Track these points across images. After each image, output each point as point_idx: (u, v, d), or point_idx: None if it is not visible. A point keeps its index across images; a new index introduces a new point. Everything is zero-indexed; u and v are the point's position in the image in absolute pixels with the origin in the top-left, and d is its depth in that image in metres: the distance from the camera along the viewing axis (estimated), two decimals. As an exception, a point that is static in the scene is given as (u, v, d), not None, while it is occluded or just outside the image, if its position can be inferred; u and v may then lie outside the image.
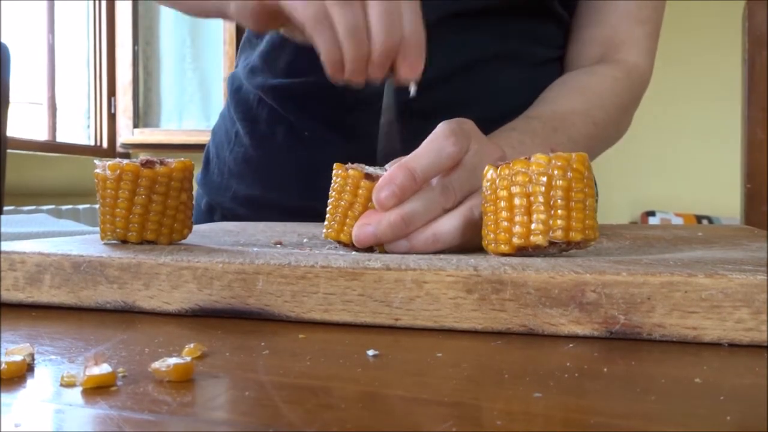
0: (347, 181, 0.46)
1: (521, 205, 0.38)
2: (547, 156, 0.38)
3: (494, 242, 0.40)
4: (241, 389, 0.25)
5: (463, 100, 0.73)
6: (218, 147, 0.86)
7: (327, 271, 0.36)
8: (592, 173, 0.39)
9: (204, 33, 3.24)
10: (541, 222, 0.37)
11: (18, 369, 0.27)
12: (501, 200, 0.39)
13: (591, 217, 0.38)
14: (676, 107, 3.45)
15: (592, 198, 0.38)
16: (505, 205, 0.39)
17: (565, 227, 0.37)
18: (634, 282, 0.32)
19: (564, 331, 0.33)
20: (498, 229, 0.39)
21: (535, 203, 0.38)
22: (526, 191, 0.38)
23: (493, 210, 0.40)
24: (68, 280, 0.40)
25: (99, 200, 0.46)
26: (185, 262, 0.38)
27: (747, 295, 0.31)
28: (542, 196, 0.37)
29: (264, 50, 0.79)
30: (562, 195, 0.37)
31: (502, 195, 0.39)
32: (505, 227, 0.39)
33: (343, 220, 0.46)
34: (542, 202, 0.37)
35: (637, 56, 0.77)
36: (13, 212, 2.23)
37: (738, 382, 0.26)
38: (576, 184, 0.37)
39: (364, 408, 0.23)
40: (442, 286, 0.34)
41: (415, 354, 0.30)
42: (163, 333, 0.34)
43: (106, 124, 3.24)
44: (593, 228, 0.38)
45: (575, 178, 0.37)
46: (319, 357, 0.30)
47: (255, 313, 0.37)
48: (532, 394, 0.24)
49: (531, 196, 0.38)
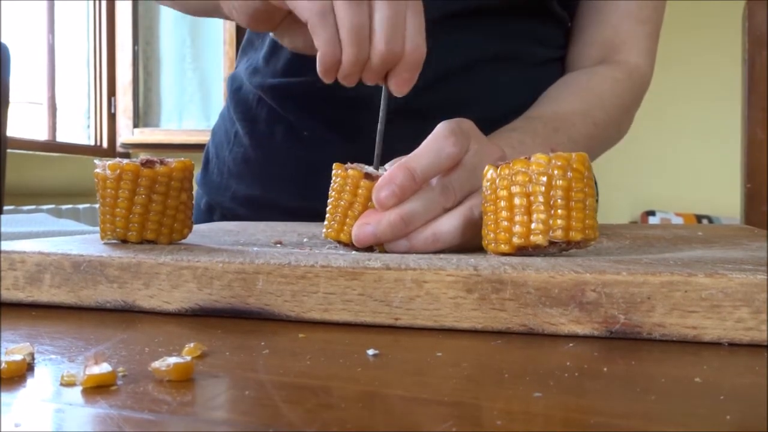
0: (347, 180, 0.46)
1: (521, 204, 0.38)
2: (548, 156, 0.38)
3: (494, 242, 0.40)
4: (241, 389, 0.25)
5: (463, 100, 0.73)
6: (218, 147, 0.86)
7: (327, 270, 0.36)
8: (592, 173, 0.39)
9: (204, 33, 3.24)
10: (541, 222, 0.38)
11: (18, 368, 0.27)
12: (501, 200, 0.39)
13: (591, 216, 0.38)
14: (676, 107, 3.45)
15: (593, 198, 0.38)
16: (505, 204, 0.39)
17: (565, 227, 0.37)
18: (634, 281, 0.32)
19: (564, 330, 0.33)
20: (498, 229, 0.39)
21: (535, 203, 0.38)
22: (526, 191, 0.38)
23: (493, 210, 0.40)
24: (68, 279, 0.40)
25: (99, 200, 0.46)
26: (185, 261, 0.38)
27: (747, 294, 0.31)
28: (542, 195, 0.37)
29: (265, 51, 0.80)
30: (562, 195, 0.37)
31: (502, 195, 0.39)
32: (505, 227, 0.39)
33: (343, 220, 0.46)
34: (542, 201, 0.37)
35: (637, 57, 0.77)
36: (13, 212, 2.23)
37: (738, 381, 0.26)
38: (576, 184, 0.37)
39: (364, 408, 0.23)
40: (442, 285, 0.34)
41: (415, 354, 0.30)
42: (163, 332, 0.34)
43: (106, 124, 3.24)
44: (593, 228, 0.38)
45: (575, 177, 0.37)
46: (319, 357, 0.30)
47: (255, 313, 0.37)
48: (532, 394, 0.24)
49: (531, 196, 0.38)
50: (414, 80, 0.49)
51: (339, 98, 0.73)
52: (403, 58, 0.47)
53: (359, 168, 0.46)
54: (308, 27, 0.47)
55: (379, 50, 0.47)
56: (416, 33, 0.47)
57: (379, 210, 0.44)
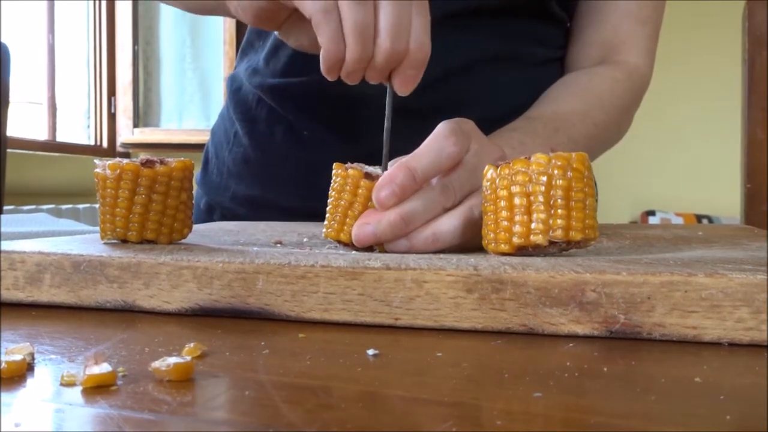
0: (347, 180, 0.46)
1: (521, 204, 0.38)
2: (547, 155, 0.38)
3: (494, 242, 0.40)
4: (241, 389, 0.25)
5: (463, 100, 0.73)
6: (217, 147, 0.86)
7: (327, 270, 0.36)
8: (592, 173, 0.39)
9: (204, 33, 3.24)
10: (541, 221, 0.38)
11: (18, 368, 0.27)
12: (501, 200, 0.39)
13: (591, 216, 0.38)
14: (676, 107, 3.45)
15: (592, 197, 0.38)
16: (505, 204, 0.39)
17: (565, 227, 0.37)
18: (634, 281, 0.32)
19: (564, 330, 0.33)
20: (498, 229, 0.40)
21: (535, 203, 0.38)
22: (526, 191, 0.38)
23: (493, 210, 0.40)
24: (68, 279, 0.40)
25: (99, 200, 0.46)
26: (185, 261, 0.38)
27: (747, 294, 0.31)
28: (542, 195, 0.37)
29: (266, 52, 0.80)
30: (562, 194, 0.37)
31: (502, 195, 0.39)
32: (505, 227, 0.39)
33: (342, 220, 0.46)
34: (542, 201, 0.37)
35: (637, 57, 0.77)
36: (13, 212, 2.23)
37: (738, 381, 0.26)
38: (576, 184, 0.37)
39: (364, 408, 0.23)
40: (442, 285, 0.34)
41: (415, 354, 0.30)
42: (163, 332, 0.34)
43: (106, 123, 3.24)
44: (593, 227, 0.38)
45: (575, 177, 0.37)
46: (319, 357, 0.30)
47: (255, 313, 0.37)
48: (532, 394, 0.24)
49: (531, 196, 0.38)
50: (418, 79, 0.49)
51: (338, 98, 0.73)
52: (408, 57, 0.47)
53: (359, 168, 0.46)
54: (312, 24, 0.47)
55: (383, 48, 0.46)
56: (421, 32, 0.47)
57: (379, 210, 0.44)
